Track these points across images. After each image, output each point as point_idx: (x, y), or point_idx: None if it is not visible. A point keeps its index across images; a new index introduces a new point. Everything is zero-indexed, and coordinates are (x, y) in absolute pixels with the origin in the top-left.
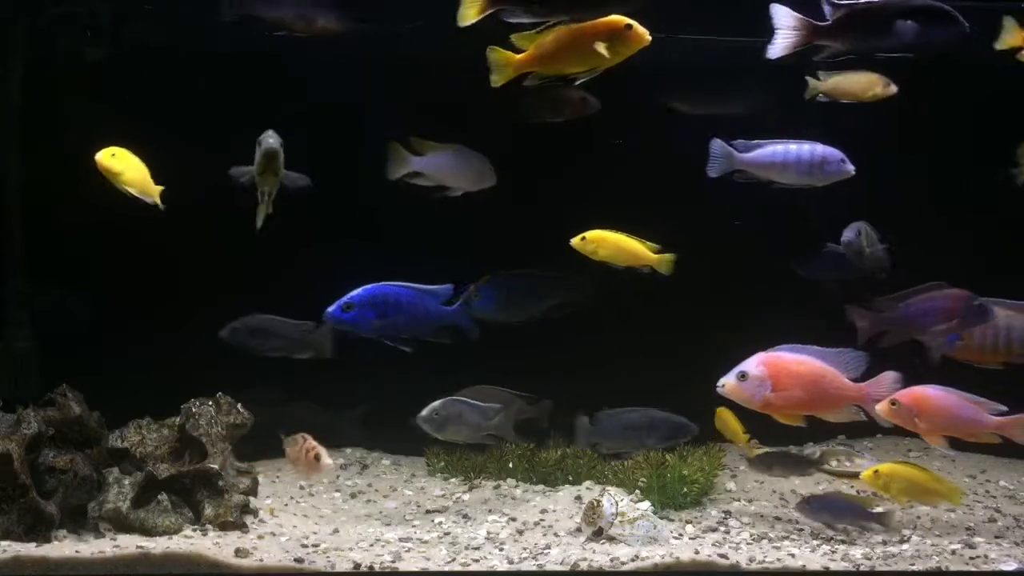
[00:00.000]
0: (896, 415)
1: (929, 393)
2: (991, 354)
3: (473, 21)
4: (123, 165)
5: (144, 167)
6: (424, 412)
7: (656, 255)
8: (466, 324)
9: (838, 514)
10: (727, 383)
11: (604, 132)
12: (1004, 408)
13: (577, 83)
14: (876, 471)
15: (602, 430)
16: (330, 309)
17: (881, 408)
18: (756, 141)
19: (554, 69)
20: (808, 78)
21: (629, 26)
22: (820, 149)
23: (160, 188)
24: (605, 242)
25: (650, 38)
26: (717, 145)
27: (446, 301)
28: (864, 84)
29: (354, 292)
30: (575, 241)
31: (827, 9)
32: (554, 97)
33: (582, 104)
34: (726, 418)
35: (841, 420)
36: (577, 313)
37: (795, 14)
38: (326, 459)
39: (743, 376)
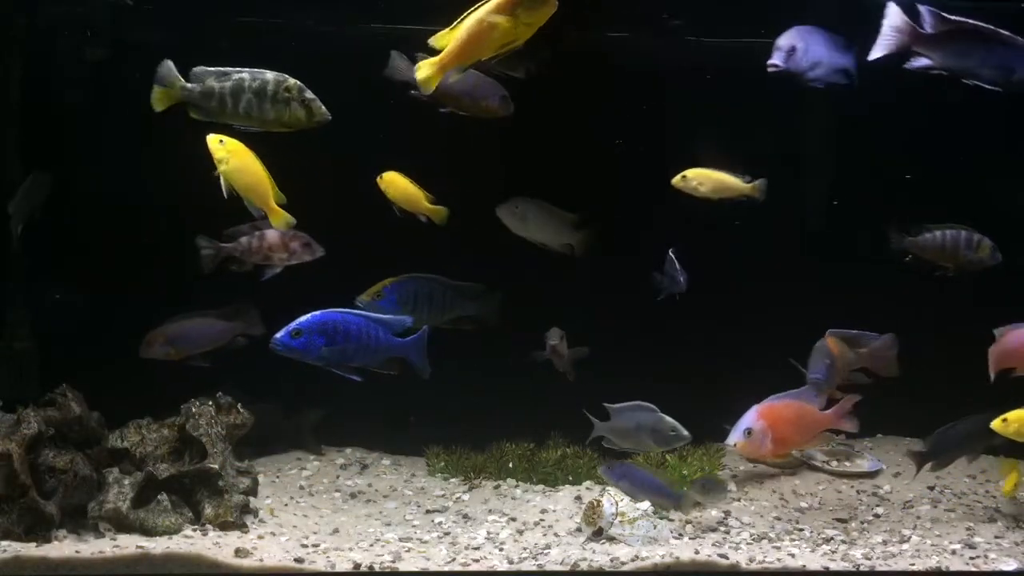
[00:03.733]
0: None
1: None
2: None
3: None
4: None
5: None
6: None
7: (432, 206)
8: (416, 360)
9: (637, 485)
10: (737, 443)
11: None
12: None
13: (495, 61)
14: (1005, 419)
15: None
16: (277, 335)
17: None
18: None
19: (475, 57)
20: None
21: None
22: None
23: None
24: (394, 185)
25: (555, 7)
26: None
27: (400, 333)
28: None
29: (303, 318)
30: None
31: (929, 19)
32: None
33: None
34: None
35: (816, 446)
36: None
37: (905, 17)
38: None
39: (748, 432)
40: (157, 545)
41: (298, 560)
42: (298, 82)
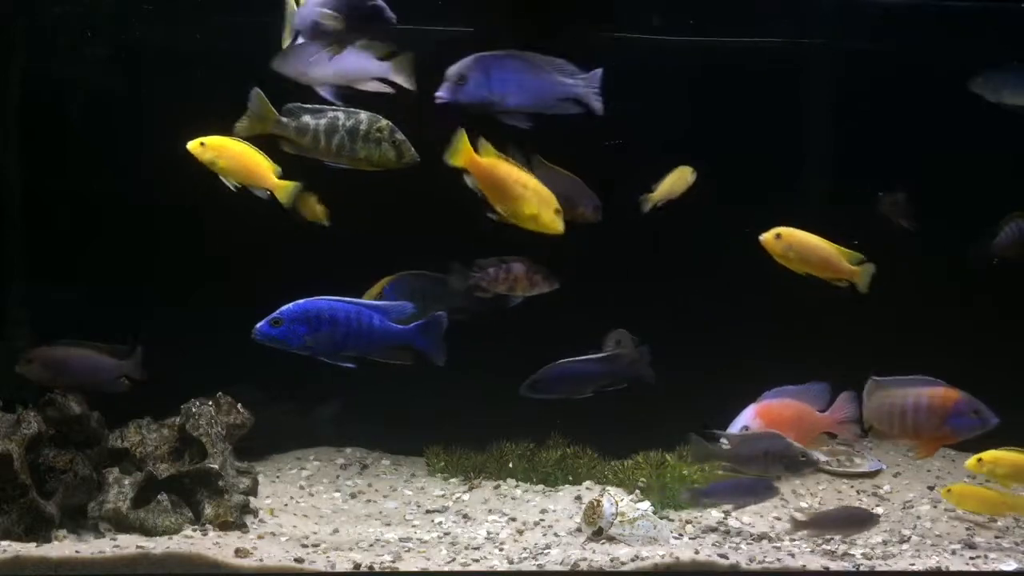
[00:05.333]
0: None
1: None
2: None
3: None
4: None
5: (252, 154)
6: None
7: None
8: (425, 345)
9: (733, 493)
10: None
11: None
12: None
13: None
14: (980, 459)
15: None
16: (258, 325)
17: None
18: None
19: (487, 191)
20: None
21: (558, 211)
22: None
23: (288, 184)
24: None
25: (562, 230)
26: None
27: (403, 320)
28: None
29: (284, 307)
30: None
31: None
32: None
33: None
34: None
35: (814, 447)
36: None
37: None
38: None
39: (746, 430)
40: (157, 545)
41: (298, 560)
42: (390, 123)
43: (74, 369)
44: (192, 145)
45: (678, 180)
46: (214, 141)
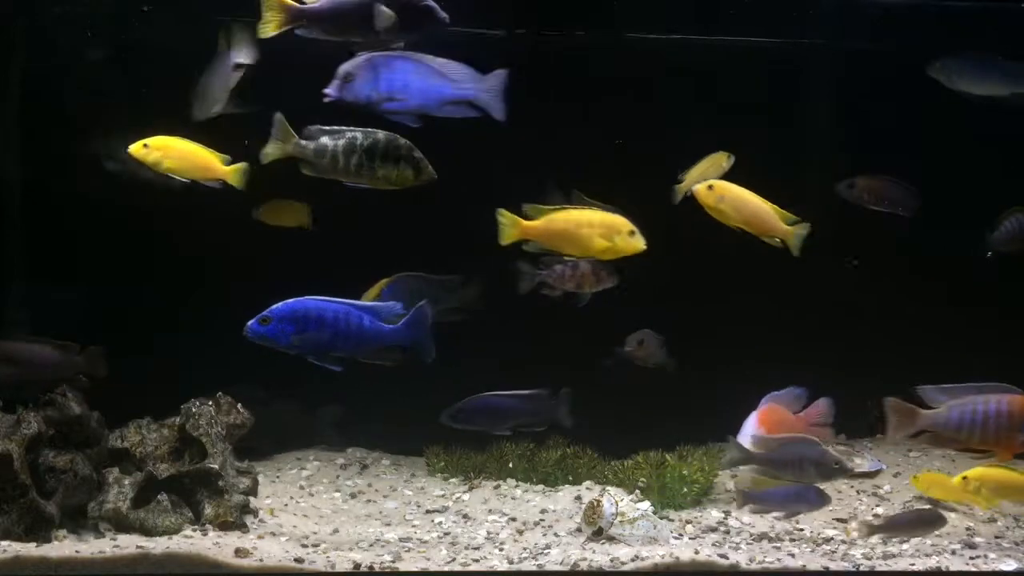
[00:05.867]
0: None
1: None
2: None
3: (272, 35)
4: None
5: (195, 148)
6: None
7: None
8: (414, 341)
9: (780, 501)
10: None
11: None
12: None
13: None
14: (965, 477)
15: None
16: (249, 323)
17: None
18: None
19: (553, 246)
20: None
21: (632, 232)
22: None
23: (237, 167)
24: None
25: (644, 247)
26: None
27: (392, 319)
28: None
29: (274, 305)
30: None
31: None
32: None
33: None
34: None
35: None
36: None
37: None
38: None
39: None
40: (157, 545)
41: (298, 560)
42: (408, 142)
43: (22, 363)
44: (135, 148)
45: (711, 166)
46: (157, 142)
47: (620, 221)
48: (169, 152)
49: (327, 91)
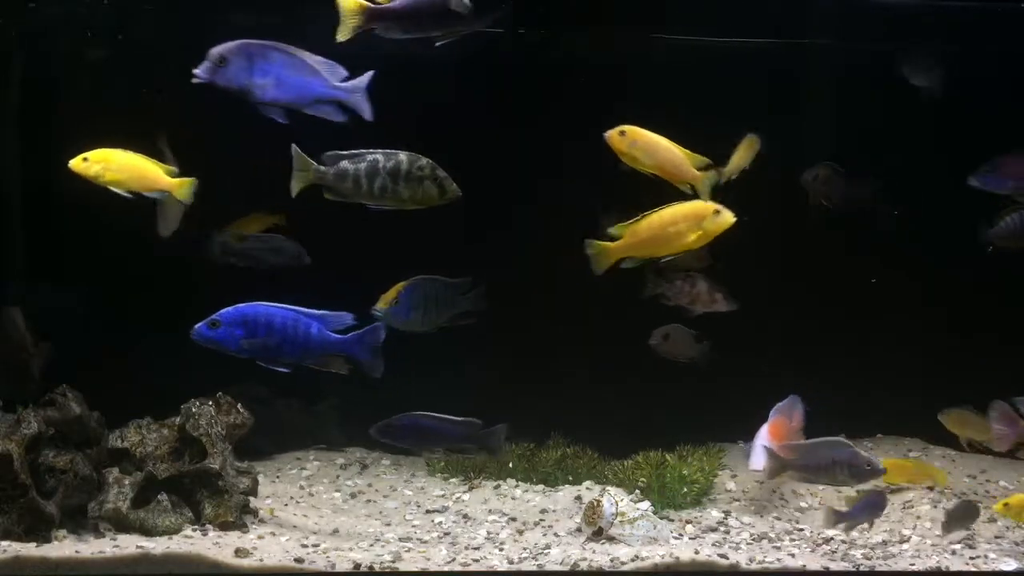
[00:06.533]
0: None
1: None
2: None
3: (348, 37)
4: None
5: (138, 160)
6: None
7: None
8: (361, 356)
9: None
10: (761, 464)
11: None
12: None
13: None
14: (1007, 504)
15: None
16: (197, 326)
17: None
18: None
19: (648, 253)
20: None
21: (717, 211)
22: None
23: (180, 181)
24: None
25: (733, 220)
26: None
27: (343, 329)
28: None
29: (224, 310)
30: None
31: None
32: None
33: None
34: None
35: None
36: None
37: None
38: None
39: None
40: (157, 545)
41: (298, 560)
42: (430, 160)
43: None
44: (75, 163)
45: (747, 151)
46: (97, 155)
47: (700, 206)
48: (110, 164)
49: (197, 72)
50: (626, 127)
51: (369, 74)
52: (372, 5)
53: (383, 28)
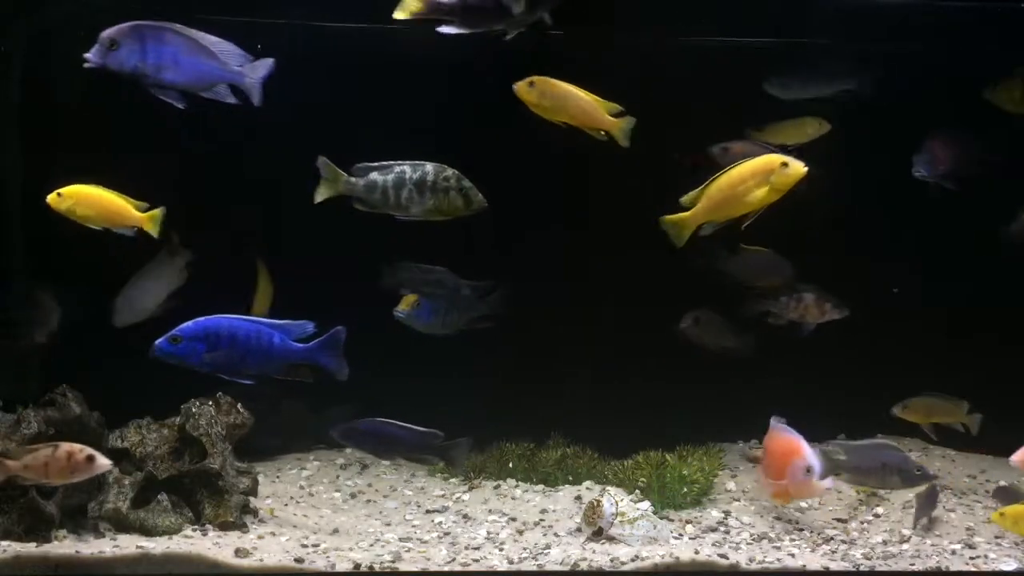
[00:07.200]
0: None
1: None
2: None
3: (405, 17)
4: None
5: (108, 197)
6: None
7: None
8: (325, 362)
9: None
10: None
11: None
12: None
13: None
14: (1002, 513)
15: None
16: (157, 342)
17: None
18: None
19: (723, 215)
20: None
21: (785, 163)
22: None
23: (149, 214)
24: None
25: (804, 170)
26: None
27: (303, 338)
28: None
29: (184, 324)
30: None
31: None
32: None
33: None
34: None
35: None
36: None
37: None
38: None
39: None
40: (157, 545)
41: (298, 560)
42: (456, 171)
43: None
44: (51, 198)
45: (796, 131)
46: (70, 191)
47: (767, 159)
48: (81, 200)
49: (88, 56)
50: (535, 78)
51: (269, 60)
52: None
53: (444, 23)
